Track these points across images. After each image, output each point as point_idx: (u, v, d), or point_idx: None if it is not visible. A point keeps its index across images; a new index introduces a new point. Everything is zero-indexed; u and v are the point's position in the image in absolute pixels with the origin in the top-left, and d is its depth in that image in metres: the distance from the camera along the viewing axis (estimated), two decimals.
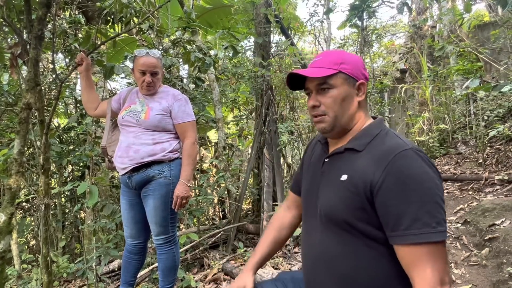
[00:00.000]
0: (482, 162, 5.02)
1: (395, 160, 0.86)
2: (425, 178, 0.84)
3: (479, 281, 2.77)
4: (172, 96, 1.97)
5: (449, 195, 4.54)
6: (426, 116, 6.66)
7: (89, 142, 3.77)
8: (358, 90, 1.01)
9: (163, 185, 1.91)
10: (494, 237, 3.15)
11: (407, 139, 0.96)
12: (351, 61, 1.01)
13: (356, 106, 1.01)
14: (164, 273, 2.03)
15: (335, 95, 0.98)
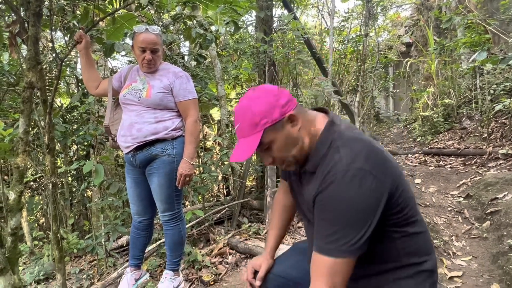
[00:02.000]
0: (487, 137, 5.00)
1: (325, 183, 0.92)
2: (345, 201, 0.89)
3: (479, 253, 2.83)
4: (173, 74, 1.95)
5: (452, 169, 4.56)
6: (431, 91, 6.58)
7: (92, 122, 3.77)
8: (291, 122, 1.00)
9: (167, 163, 1.93)
10: (495, 211, 3.18)
11: (351, 146, 0.94)
12: (264, 109, 0.96)
13: (300, 135, 1.01)
14: (171, 248, 2.09)
15: (277, 148, 1.00)
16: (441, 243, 2.95)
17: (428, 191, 4.01)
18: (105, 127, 2.07)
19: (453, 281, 2.50)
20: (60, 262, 2.35)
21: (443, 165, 4.78)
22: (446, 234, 3.15)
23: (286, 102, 0.99)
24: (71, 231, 4.05)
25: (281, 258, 1.35)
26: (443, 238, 3.03)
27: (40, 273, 2.85)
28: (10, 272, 1.12)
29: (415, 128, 7.05)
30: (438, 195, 3.92)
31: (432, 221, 3.25)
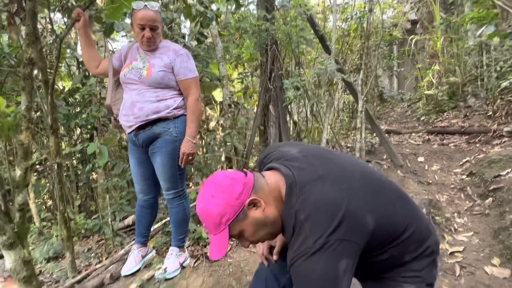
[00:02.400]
0: (492, 115, 4.95)
1: (292, 261, 0.94)
2: (311, 277, 0.90)
3: (480, 229, 2.86)
4: (173, 51, 1.93)
5: (456, 148, 4.55)
6: (436, 69, 6.47)
7: (94, 103, 3.78)
8: (254, 206, 0.99)
9: (170, 142, 1.94)
10: (498, 188, 3.19)
11: (315, 219, 0.94)
12: (223, 209, 0.96)
13: (266, 214, 1.00)
14: (176, 226, 2.13)
15: (250, 234, 1.02)
16: (443, 219, 2.98)
17: (431, 169, 4.02)
18: (107, 107, 2.07)
19: (454, 256, 2.54)
20: (68, 241, 2.41)
21: (447, 144, 4.77)
22: (448, 211, 3.17)
23: (242, 191, 0.97)
24: (78, 213, 4.12)
25: None
26: (445, 215, 3.06)
27: (49, 251, 2.92)
28: (20, 246, 1.14)
29: (419, 107, 6.99)
30: (441, 173, 3.93)
31: (434, 199, 3.27)
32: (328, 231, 0.89)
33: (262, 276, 1.35)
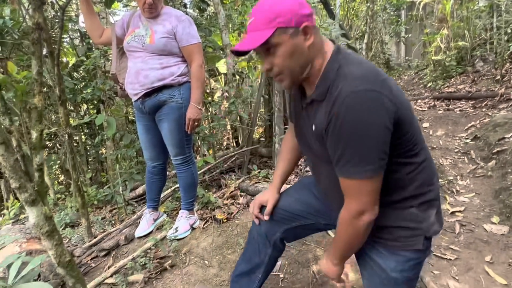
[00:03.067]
0: (500, 79, 4.88)
1: (337, 107, 0.91)
2: (362, 121, 0.88)
3: (482, 190, 2.92)
4: (175, 18, 1.94)
5: (462, 113, 4.54)
6: (444, 33, 6.31)
7: (99, 76, 3.81)
8: (304, 35, 0.95)
9: (175, 109, 1.99)
10: (502, 150, 3.22)
11: (360, 71, 0.92)
12: (285, 9, 0.92)
13: (307, 52, 0.97)
14: (185, 190, 2.23)
15: (282, 53, 0.96)
16: (445, 182, 3.04)
17: (435, 135, 4.04)
18: (113, 76, 2.11)
19: (454, 215, 2.62)
20: (83, 208, 2.53)
21: (453, 109, 4.76)
22: (451, 174, 3.23)
23: (307, 15, 0.94)
24: (90, 185, 4.27)
25: (287, 192, 1.41)
26: (447, 178, 3.12)
27: (66, 218, 3.07)
28: (41, 203, 1.23)
29: (427, 74, 6.88)
30: (446, 138, 3.95)
31: (438, 163, 3.32)
32: (372, 82, 0.90)
33: (254, 234, 1.42)
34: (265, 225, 1.38)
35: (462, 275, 2.00)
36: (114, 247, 2.27)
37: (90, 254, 2.26)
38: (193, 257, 2.00)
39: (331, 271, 1.16)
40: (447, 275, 1.99)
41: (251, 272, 1.42)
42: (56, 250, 1.29)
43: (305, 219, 1.33)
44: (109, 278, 1.87)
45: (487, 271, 2.00)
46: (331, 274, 1.18)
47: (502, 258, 2.12)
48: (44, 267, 1.82)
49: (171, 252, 2.04)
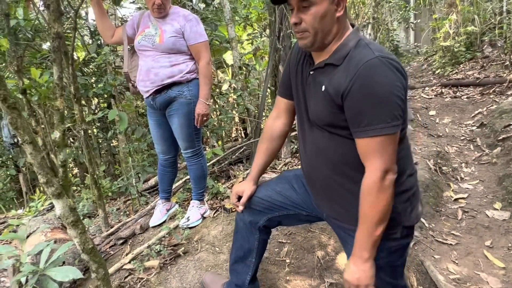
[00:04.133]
0: (509, 64, 4.84)
1: (361, 69, 0.96)
2: (384, 82, 0.95)
3: (486, 177, 2.97)
4: (183, 17, 2.01)
5: (469, 100, 4.53)
6: (453, 19, 6.23)
7: (110, 72, 3.92)
8: (337, 5, 1.02)
9: (185, 105, 2.07)
10: (507, 137, 3.25)
11: (377, 47, 1.01)
12: None
13: (335, 22, 1.04)
14: (195, 181, 2.33)
15: (314, 13, 1.00)
16: (449, 169, 3.09)
17: (442, 122, 4.06)
18: (125, 73, 2.20)
19: (457, 202, 2.69)
20: (100, 199, 2.66)
21: (460, 96, 4.74)
22: (456, 161, 3.28)
23: None
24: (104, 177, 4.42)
25: (268, 184, 1.42)
26: (452, 165, 3.17)
27: (83, 209, 3.22)
28: (66, 196, 1.35)
29: (436, 60, 6.82)
30: (452, 126, 3.97)
31: (443, 150, 3.36)
32: (390, 54, 0.99)
33: (240, 223, 1.48)
34: (248, 214, 1.41)
35: (461, 259, 2.09)
36: (130, 235, 2.39)
37: (108, 242, 2.39)
38: (204, 244, 2.08)
39: (363, 272, 1.04)
40: (447, 259, 2.08)
41: (244, 258, 1.48)
42: (80, 238, 1.42)
43: (286, 209, 1.37)
44: (128, 264, 1.98)
45: (486, 255, 2.09)
46: (363, 278, 1.05)
47: (502, 242, 2.19)
48: (67, 254, 1.96)
49: (184, 239, 2.12)
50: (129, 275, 1.93)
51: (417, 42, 9.90)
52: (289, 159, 3.33)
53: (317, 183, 1.22)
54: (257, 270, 1.53)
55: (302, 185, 1.35)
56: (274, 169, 3.09)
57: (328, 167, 1.14)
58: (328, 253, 1.99)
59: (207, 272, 1.84)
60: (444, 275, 1.92)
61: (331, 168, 1.14)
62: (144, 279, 1.87)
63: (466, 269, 1.99)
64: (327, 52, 1.09)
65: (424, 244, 2.20)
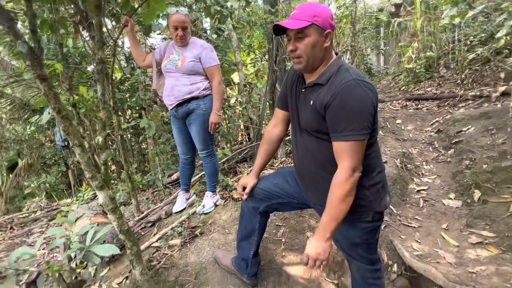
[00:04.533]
0: (460, 82, 4.83)
1: (340, 88, 0.98)
2: (358, 99, 0.97)
3: (443, 173, 2.96)
4: (200, 46, 2.02)
5: (428, 111, 4.52)
6: (415, 46, 6.23)
7: (141, 89, 3.94)
8: (325, 38, 1.04)
9: (201, 115, 2.08)
10: (459, 141, 3.24)
11: (355, 71, 1.03)
12: (322, 14, 1.01)
13: (323, 50, 1.05)
14: (209, 176, 2.33)
15: (307, 43, 1.02)
16: (413, 166, 3.08)
17: (406, 129, 4.05)
18: (154, 91, 2.21)
19: (419, 193, 2.68)
20: (133, 190, 2.67)
21: (421, 108, 4.73)
22: (418, 160, 3.27)
23: (332, 26, 1.05)
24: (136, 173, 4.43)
25: (267, 178, 1.44)
26: (415, 163, 3.16)
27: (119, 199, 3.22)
28: (106, 188, 1.35)
29: (401, 79, 6.81)
30: (415, 131, 3.96)
31: (407, 151, 3.35)
32: (366, 78, 1.01)
33: (245, 208, 1.49)
34: (251, 202, 1.43)
35: (423, 238, 2.08)
36: (157, 220, 2.39)
37: (139, 225, 2.40)
38: (216, 226, 2.09)
39: (322, 249, 1.05)
40: (411, 239, 2.07)
41: (248, 237, 1.50)
42: (118, 221, 1.42)
43: (280, 198, 1.38)
44: (155, 243, 1.99)
45: (443, 236, 2.08)
46: (322, 253, 1.05)
47: (455, 225, 2.18)
48: (107, 235, 1.96)
49: (200, 223, 2.13)
50: (156, 251, 1.93)
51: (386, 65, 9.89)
52: (284, 159, 3.33)
53: (306, 177, 1.22)
54: (259, 247, 1.54)
55: (294, 179, 1.36)
56: (272, 166, 3.08)
57: (315, 164, 1.15)
58: None
59: (219, 249, 1.85)
60: (409, 252, 1.92)
61: (317, 165, 1.15)
62: (168, 255, 1.87)
63: (427, 247, 1.98)
64: (315, 74, 1.10)
65: (393, 227, 2.19)
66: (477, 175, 2.46)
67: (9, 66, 5.51)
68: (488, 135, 3.04)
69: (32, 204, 4.16)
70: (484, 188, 2.32)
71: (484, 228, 2.04)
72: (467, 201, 2.38)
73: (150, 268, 1.75)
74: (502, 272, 1.65)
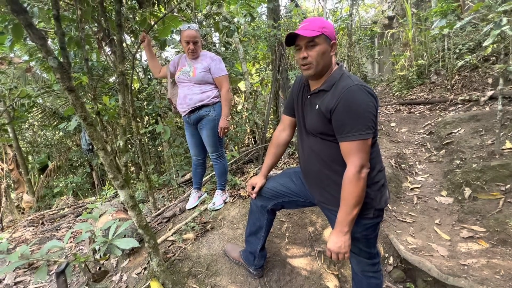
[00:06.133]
0: (450, 88, 4.76)
1: (344, 93, 0.99)
2: (360, 102, 0.97)
3: (435, 172, 2.92)
4: (209, 58, 2.04)
5: (420, 114, 4.46)
6: (407, 55, 6.17)
7: (157, 98, 3.98)
8: (331, 47, 1.06)
9: (211, 121, 2.09)
10: (450, 142, 3.19)
11: (356, 78, 1.03)
12: (329, 26, 1.04)
13: (329, 58, 1.07)
14: (219, 176, 2.33)
15: (318, 50, 1.03)
16: (407, 166, 3.04)
17: (400, 131, 4.00)
18: (169, 99, 2.23)
19: (413, 190, 2.64)
20: (150, 189, 2.69)
21: (414, 112, 4.68)
22: (412, 160, 3.22)
23: (336, 39, 1.07)
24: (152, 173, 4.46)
25: (274, 178, 1.44)
26: (409, 163, 3.12)
27: (138, 197, 3.25)
28: (127, 187, 1.37)
29: (395, 86, 6.74)
30: (408, 134, 3.92)
31: (401, 152, 3.32)
32: (366, 84, 1.01)
33: (253, 206, 1.48)
34: (260, 200, 1.43)
35: (417, 233, 2.04)
36: (172, 216, 2.40)
37: (156, 221, 2.41)
38: (226, 222, 2.09)
39: (343, 242, 1.04)
40: (406, 234, 2.04)
41: (256, 232, 1.49)
42: (137, 217, 1.44)
43: (287, 197, 1.37)
44: (170, 237, 2.00)
45: (436, 230, 2.04)
46: (343, 246, 1.04)
47: (447, 221, 2.14)
48: (128, 230, 1.98)
49: (211, 218, 2.14)
50: (172, 244, 1.94)
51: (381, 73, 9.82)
52: (287, 159, 3.32)
53: (311, 176, 1.22)
54: (265, 242, 1.54)
55: (299, 179, 1.36)
56: (276, 167, 3.08)
57: (319, 164, 1.14)
58: (317, 228, 1.98)
59: (228, 243, 1.85)
60: (404, 245, 1.89)
61: (322, 164, 1.14)
62: (182, 248, 1.88)
63: (421, 241, 1.95)
64: (320, 81, 1.11)
65: (389, 222, 2.16)
66: (468, 174, 2.42)
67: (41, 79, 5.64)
68: (477, 136, 2.98)
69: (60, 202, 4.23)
70: (474, 186, 2.28)
71: (474, 223, 2.00)
72: (458, 198, 2.33)
73: (166, 260, 1.76)
74: (492, 264, 1.61)
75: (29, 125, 6.56)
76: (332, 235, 1.07)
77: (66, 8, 2.53)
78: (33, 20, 0.79)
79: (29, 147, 6.51)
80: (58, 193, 5.22)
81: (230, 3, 4.17)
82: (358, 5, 4.90)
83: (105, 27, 2.09)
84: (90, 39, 2.55)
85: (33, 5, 1.77)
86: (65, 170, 6.03)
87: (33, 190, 4.96)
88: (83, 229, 1.41)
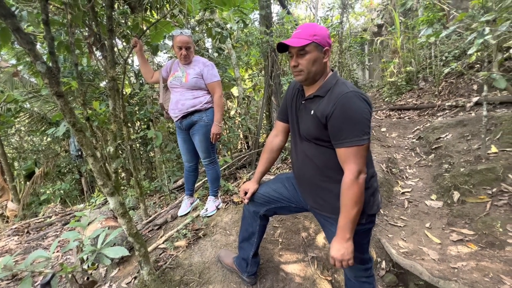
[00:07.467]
0: (437, 94, 4.89)
1: (340, 99, 0.99)
2: (356, 108, 0.97)
3: (424, 176, 2.97)
4: (202, 63, 2.04)
5: (410, 120, 4.55)
6: (396, 62, 6.33)
7: (149, 103, 3.95)
8: (324, 54, 1.06)
9: (203, 126, 2.08)
10: (438, 146, 3.26)
11: (350, 84, 1.04)
12: (321, 33, 1.03)
13: (322, 65, 1.07)
14: (212, 182, 2.31)
15: (308, 59, 1.04)
16: (397, 170, 3.09)
17: (390, 136, 4.07)
18: (160, 104, 2.21)
19: (404, 195, 2.68)
20: (141, 196, 2.64)
21: (403, 117, 4.77)
22: (402, 165, 3.27)
23: (330, 44, 1.07)
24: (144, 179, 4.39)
25: (267, 184, 1.43)
26: (399, 168, 3.17)
27: (128, 204, 3.18)
28: (117, 194, 1.34)
29: (384, 91, 6.88)
30: (398, 138, 3.98)
31: (392, 157, 3.37)
32: (361, 91, 1.01)
33: (246, 212, 1.47)
34: (252, 206, 1.42)
35: (408, 237, 2.06)
36: (163, 223, 2.36)
37: (147, 228, 2.36)
38: (218, 228, 2.07)
39: (346, 249, 1.02)
40: (397, 237, 2.06)
41: (249, 238, 1.48)
42: (127, 225, 1.41)
43: (279, 202, 1.36)
44: (162, 244, 1.96)
45: (426, 234, 2.06)
46: (346, 253, 1.02)
47: (437, 224, 2.17)
48: (117, 238, 1.93)
49: (203, 225, 2.11)
50: (163, 252, 1.90)
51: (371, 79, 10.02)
52: (280, 164, 3.32)
53: (305, 182, 1.21)
54: (258, 247, 1.52)
55: (291, 185, 1.35)
56: (269, 172, 3.08)
57: (313, 169, 1.14)
58: (310, 234, 1.97)
59: (221, 249, 1.82)
60: (396, 249, 1.90)
61: (316, 170, 1.14)
62: (174, 255, 1.84)
63: (412, 245, 1.97)
64: (314, 87, 1.11)
65: (380, 226, 2.18)
66: (456, 178, 2.47)
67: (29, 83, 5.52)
68: (464, 141, 3.06)
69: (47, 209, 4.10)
70: (463, 189, 2.33)
71: (464, 227, 2.04)
72: (447, 201, 2.37)
73: (157, 268, 1.72)
74: (481, 267, 1.64)
75: (16, 130, 6.38)
76: (334, 242, 1.05)
77: (56, 12, 2.49)
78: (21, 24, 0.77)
79: (15, 153, 6.32)
80: (45, 201, 5.06)
81: (223, 9, 4.20)
82: (348, 13, 5.02)
83: (96, 31, 2.07)
84: (80, 43, 2.51)
85: (21, 9, 1.74)
86: (53, 176, 5.87)
87: (18, 198, 4.79)
88: (71, 237, 1.37)
